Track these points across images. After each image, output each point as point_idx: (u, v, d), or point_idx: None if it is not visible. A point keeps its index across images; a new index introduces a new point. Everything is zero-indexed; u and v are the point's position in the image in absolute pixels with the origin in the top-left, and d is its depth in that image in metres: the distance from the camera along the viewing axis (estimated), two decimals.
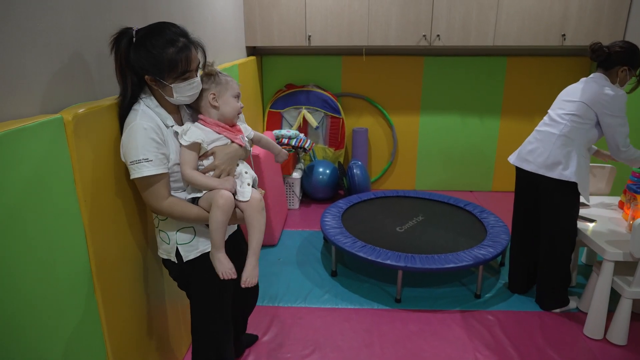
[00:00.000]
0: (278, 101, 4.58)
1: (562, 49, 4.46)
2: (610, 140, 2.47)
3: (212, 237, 1.59)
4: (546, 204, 2.63)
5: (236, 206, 1.63)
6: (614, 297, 2.57)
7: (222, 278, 1.63)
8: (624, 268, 2.51)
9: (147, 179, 1.51)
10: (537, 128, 2.69)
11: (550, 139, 2.55)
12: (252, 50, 4.48)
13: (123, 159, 1.54)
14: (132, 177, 1.52)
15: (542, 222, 2.69)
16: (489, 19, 4.01)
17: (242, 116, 1.81)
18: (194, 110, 1.75)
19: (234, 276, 1.63)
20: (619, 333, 2.44)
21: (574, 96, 2.52)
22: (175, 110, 1.67)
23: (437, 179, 4.85)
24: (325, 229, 3.25)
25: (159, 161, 1.51)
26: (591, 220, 2.71)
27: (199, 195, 1.62)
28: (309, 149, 4.19)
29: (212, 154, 1.63)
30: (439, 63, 4.49)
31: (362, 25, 4.07)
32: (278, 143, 4.16)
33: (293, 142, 4.14)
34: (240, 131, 1.75)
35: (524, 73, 4.48)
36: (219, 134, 1.65)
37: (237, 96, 1.70)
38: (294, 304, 2.85)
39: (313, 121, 4.52)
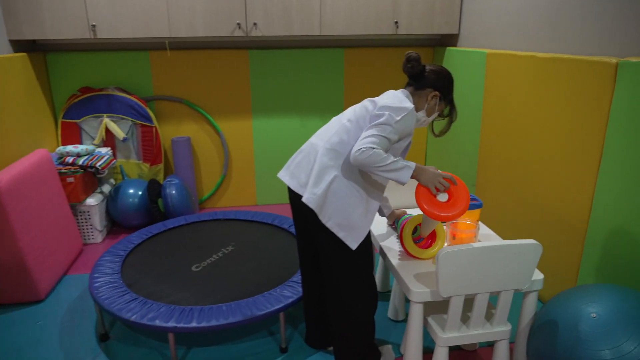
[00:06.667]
0: (72, 109, 3.67)
1: (401, 39, 4.05)
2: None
3: None
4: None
5: None
6: None
7: None
8: (439, 306, 2.01)
9: None
10: None
11: None
12: (29, 46, 3.52)
13: None
14: None
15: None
16: (313, 6, 3.45)
17: None
18: None
19: None
20: None
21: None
22: None
23: (281, 190, 4.23)
24: (92, 277, 2.45)
25: None
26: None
27: None
28: (103, 168, 3.34)
29: None
30: (267, 57, 3.86)
31: (160, 12, 3.30)
32: (60, 163, 3.27)
33: (81, 161, 3.27)
34: None
35: (362, 65, 4.00)
36: None
37: None
38: None
39: (119, 132, 3.67)
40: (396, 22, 3.58)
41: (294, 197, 1.93)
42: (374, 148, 1.65)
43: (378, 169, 1.68)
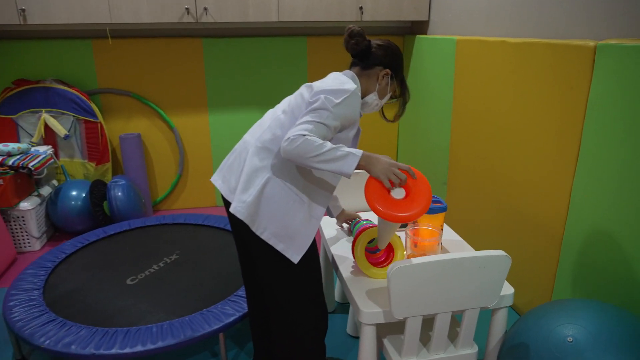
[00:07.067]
0: (6, 103, 3.32)
1: (369, 27, 3.79)
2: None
3: None
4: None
5: None
6: None
7: None
8: (397, 324, 1.76)
9: None
10: None
11: None
12: None
13: None
14: None
15: None
16: None
17: None
18: None
19: None
20: None
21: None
22: None
23: None
24: (9, 294, 2.15)
25: None
26: None
27: None
28: (37, 169, 3.01)
29: None
30: (223, 46, 3.56)
31: None
32: None
33: (11, 162, 2.94)
34: None
35: (327, 55, 3.73)
36: None
37: None
38: None
39: (60, 128, 3.34)
40: (361, 8, 3.32)
41: (227, 204, 1.65)
42: (304, 135, 1.35)
43: (313, 160, 1.35)
